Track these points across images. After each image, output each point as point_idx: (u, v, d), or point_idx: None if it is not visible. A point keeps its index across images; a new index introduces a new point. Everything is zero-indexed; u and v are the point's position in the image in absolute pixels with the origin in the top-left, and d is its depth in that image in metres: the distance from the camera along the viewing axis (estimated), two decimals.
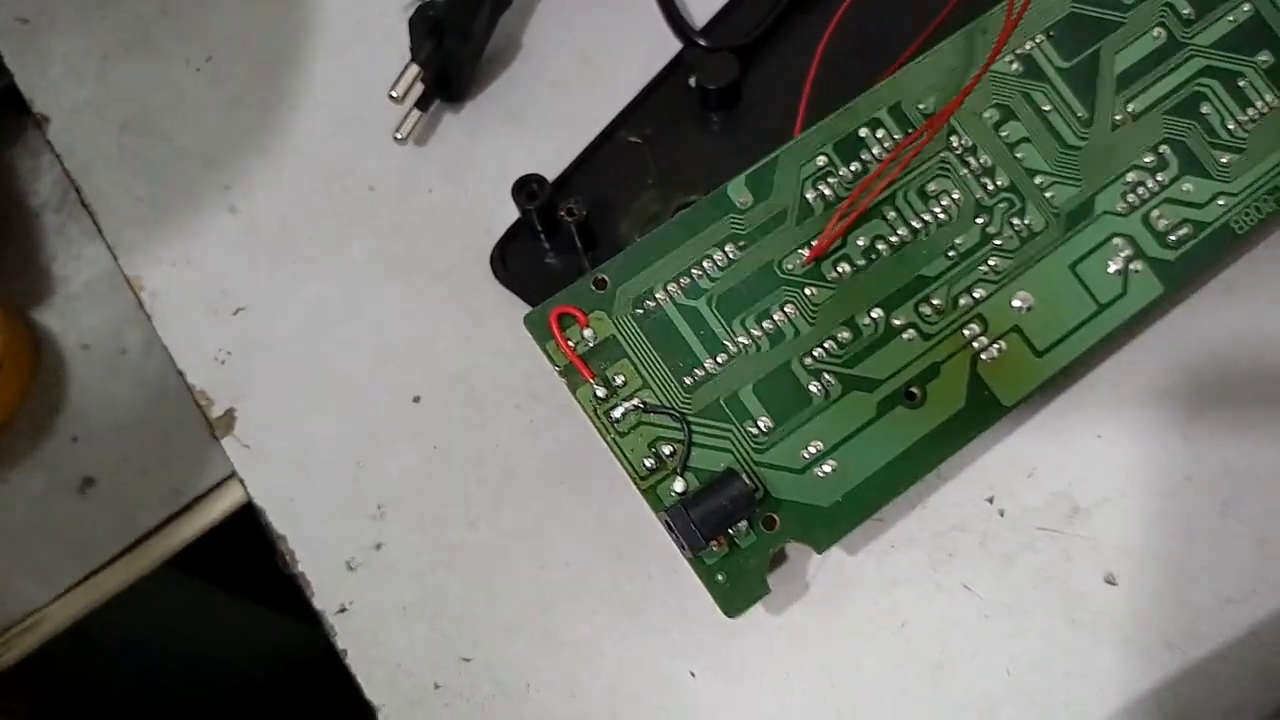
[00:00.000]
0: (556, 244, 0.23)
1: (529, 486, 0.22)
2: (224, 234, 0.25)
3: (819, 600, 0.21)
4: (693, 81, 0.24)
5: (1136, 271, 0.20)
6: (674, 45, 0.24)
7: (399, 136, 0.24)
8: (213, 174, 0.26)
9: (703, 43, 0.24)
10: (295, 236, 0.25)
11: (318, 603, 0.22)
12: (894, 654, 0.20)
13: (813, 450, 0.19)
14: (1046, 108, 0.21)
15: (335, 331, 0.24)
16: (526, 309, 0.20)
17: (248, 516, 0.24)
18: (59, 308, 0.31)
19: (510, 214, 0.23)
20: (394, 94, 0.23)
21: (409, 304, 0.24)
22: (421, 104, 0.24)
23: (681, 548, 0.18)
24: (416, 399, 0.23)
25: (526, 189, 0.22)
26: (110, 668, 0.43)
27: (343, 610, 0.22)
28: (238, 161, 0.26)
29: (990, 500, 0.21)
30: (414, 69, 0.23)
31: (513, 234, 0.23)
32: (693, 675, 0.21)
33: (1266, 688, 0.19)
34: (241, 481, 0.23)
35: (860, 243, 0.20)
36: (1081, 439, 0.21)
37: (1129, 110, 0.21)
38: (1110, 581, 0.20)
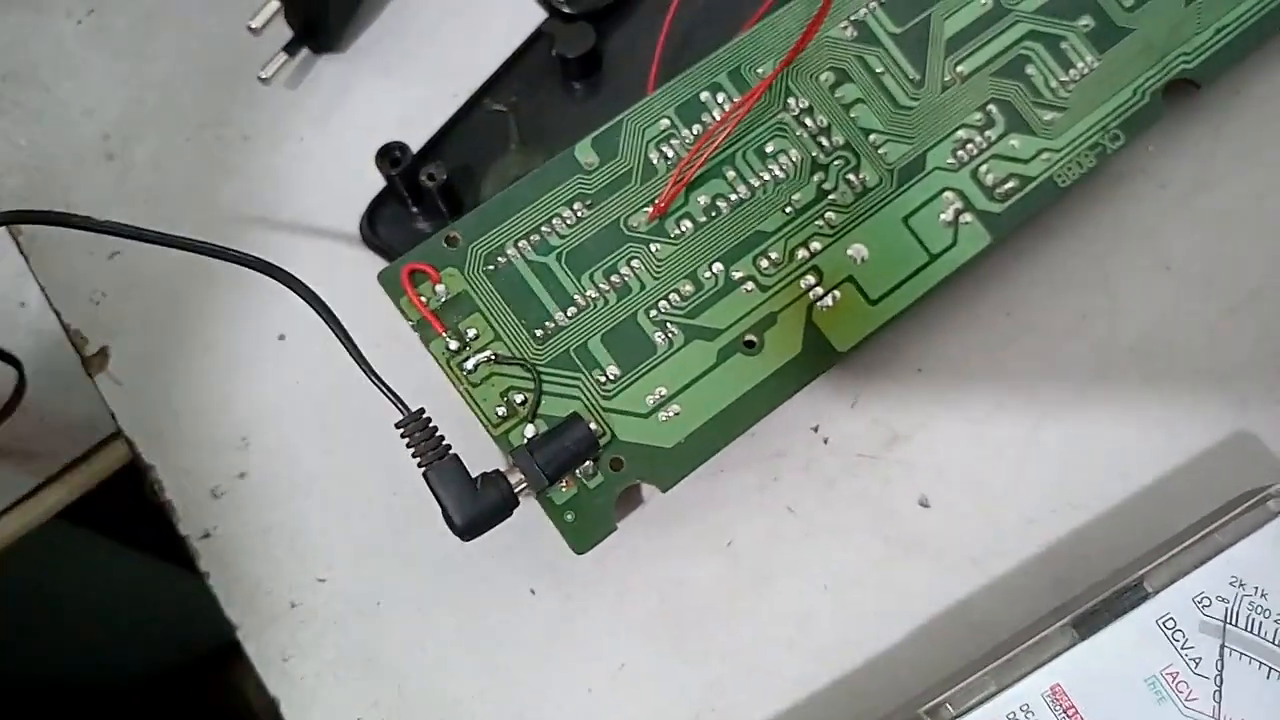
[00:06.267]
0: (424, 209, 0.24)
1: (385, 420, 0.22)
2: (102, 180, 0.26)
3: (652, 520, 0.22)
4: (554, 51, 0.24)
5: (966, 223, 0.21)
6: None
7: (263, 76, 0.24)
8: (91, 123, 0.26)
9: (565, 9, 0.24)
10: (170, 182, 0.25)
11: (183, 528, 0.23)
12: (720, 570, 0.22)
13: (657, 396, 0.20)
14: (880, 70, 0.22)
15: (204, 273, 0.24)
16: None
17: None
18: None
19: None
20: (253, 25, 0.24)
21: (275, 247, 0.24)
22: (289, 48, 0.25)
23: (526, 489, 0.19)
24: (281, 337, 0.24)
25: (390, 156, 0.22)
26: (10, 620, 0.43)
27: (206, 535, 0.23)
28: (116, 111, 0.26)
29: (815, 429, 0.23)
30: (274, 3, 0.24)
31: (380, 201, 0.24)
32: (533, 592, 0.22)
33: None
34: (113, 415, 0.24)
35: (701, 201, 0.21)
36: (903, 371, 0.23)
37: (958, 72, 0.22)
38: (924, 504, 0.22)
